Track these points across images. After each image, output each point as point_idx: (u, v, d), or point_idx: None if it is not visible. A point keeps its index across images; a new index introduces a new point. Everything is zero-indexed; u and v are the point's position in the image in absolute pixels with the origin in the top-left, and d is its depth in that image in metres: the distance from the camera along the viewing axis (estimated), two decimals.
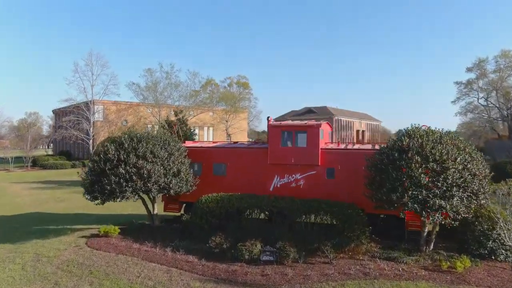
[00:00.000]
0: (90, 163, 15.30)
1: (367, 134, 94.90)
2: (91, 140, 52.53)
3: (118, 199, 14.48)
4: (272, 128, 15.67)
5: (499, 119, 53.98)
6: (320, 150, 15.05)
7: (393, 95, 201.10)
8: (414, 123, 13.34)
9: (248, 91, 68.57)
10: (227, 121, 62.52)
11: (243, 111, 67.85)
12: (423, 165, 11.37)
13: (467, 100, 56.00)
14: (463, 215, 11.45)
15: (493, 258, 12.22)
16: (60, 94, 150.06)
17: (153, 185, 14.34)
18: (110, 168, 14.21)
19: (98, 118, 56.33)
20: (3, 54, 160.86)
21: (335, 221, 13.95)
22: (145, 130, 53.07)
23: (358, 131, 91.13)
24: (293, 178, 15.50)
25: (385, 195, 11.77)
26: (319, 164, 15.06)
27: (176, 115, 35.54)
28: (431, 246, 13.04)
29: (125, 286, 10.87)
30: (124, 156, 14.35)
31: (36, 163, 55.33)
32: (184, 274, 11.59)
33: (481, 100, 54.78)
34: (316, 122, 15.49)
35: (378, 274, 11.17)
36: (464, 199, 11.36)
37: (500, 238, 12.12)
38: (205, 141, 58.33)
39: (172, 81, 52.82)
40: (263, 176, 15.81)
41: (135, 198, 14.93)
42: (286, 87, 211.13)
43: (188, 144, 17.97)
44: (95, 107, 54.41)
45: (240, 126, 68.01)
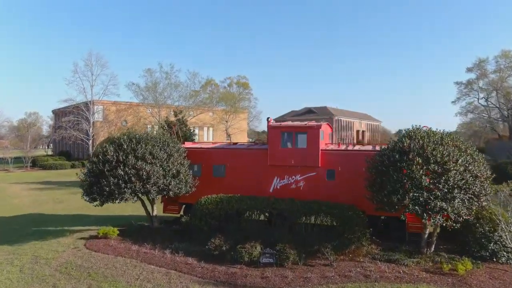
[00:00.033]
0: (88, 164, 15.21)
1: (367, 134, 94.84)
2: (91, 141, 52.43)
3: (117, 201, 14.41)
4: (272, 129, 15.58)
5: (500, 119, 53.84)
6: (320, 151, 14.96)
7: (393, 95, 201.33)
8: (415, 124, 13.29)
9: (248, 91, 68.52)
10: (227, 121, 62.38)
11: (243, 111, 67.70)
12: (424, 166, 11.26)
13: (467, 101, 55.85)
14: (464, 217, 11.35)
15: (494, 260, 12.15)
16: (60, 94, 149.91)
17: (152, 186, 14.25)
18: (109, 169, 14.13)
19: (97, 119, 56.19)
20: (3, 54, 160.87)
21: (335, 222, 13.86)
22: (145, 130, 53.22)
23: (358, 131, 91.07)
24: (293, 179, 15.41)
25: (386, 197, 11.67)
26: (319, 165, 14.97)
27: (176, 115, 35.41)
28: (432, 248, 12.94)
29: None
30: (123, 157, 14.27)
31: (35, 164, 55.18)
32: (183, 277, 11.50)
33: (481, 101, 54.65)
34: (316, 123, 15.40)
35: (378, 276, 11.08)
36: (466, 201, 11.26)
37: (501, 240, 12.07)
38: (204, 141, 58.30)
39: (172, 81, 52.78)
40: (263, 178, 15.72)
41: (134, 199, 14.86)
42: (286, 87, 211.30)
43: (188, 145, 17.89)
44: (95, 107, 54.29)
45: (240, 126, 67.88)
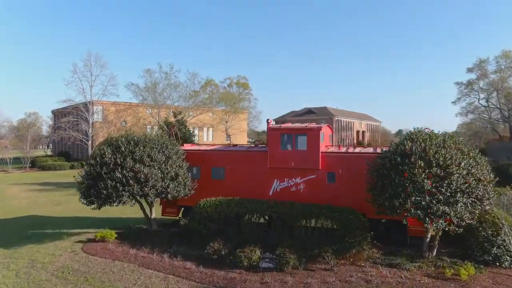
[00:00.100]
0: (86, 167, 15.03)
1: (367, 134, 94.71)
2: (90, 141, 52.25)
3: (115, 204, 14.20)
4: (271, 131, 15.40)
5: (500, 120, 53.65)
6: (320, 154, 14.77)
7: (393, 95, 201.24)
8: (416, 127, 13.10)
9: (248, 91, 68.37)
10: (226, 121, 62.20)
11: (242, 111, 67.50)
12: (426, 170, 11.07)
13: (468, 101, 55.68)
14: (467, 222, 11.16)
15: (497, 264, 11.95)
16: (59, 94, 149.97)
17: (150, 189, 14.06)
18: (107, 172, 13.94)
19: (97, 119, 55.99)
20: (3, 54, 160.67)
21: (336, 226, 13.69)
22: (144, 131, 53.05)
23: (358, 132, 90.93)
24: (293, 182, 15.22)
25: (387, 201, 11.48)
26: (320, 168, 14.77)
27: (175, 116, 35.18)
28: (434, 252, 12.75)
29: None
30: (121, 159, 14.08)
31: (34, 164, 55.01)
32: (181, 282, 11.33)
33: (482, 101, 54.50)
34: (316, 125, 15.22)
35: (380, 282, 10.91)
36: (469, 205, 11.07)
37: (504, 244, 11.89)
38: (203, 143, 58.12)
39: (171, 81, 52.67)
40: (262, 180, 15.53)
41: (132, 202, 14.68)
42: (286, 88, 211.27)
43: (186, 147, 17.69)
44: (94, 107, 54.08)
45: (240, 126, 67.72)
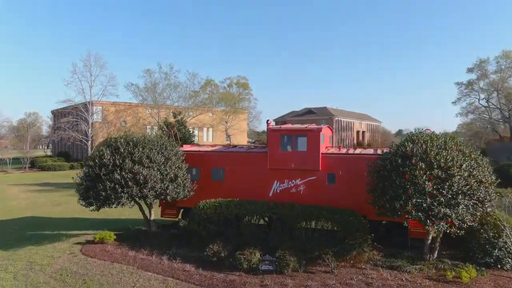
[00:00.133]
0: (85, 168, 14.94)
1: (367, 134, 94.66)
2: (90, 141, 52.16)
3: (114, 205, 14.13)
4: (271, 132, 15.31)
5: (500, 120, 53.55)
6: (320, 155, 14.69)
7: (393, 95, 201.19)
8: (417, 127, 13.04)
9: (248, 91, 68.33)
10: (226, 122, 62.12)
11: (242, 112, 67.43)
12: (427, 171, 10.98)
13: (468, 101, 55.58)
14: (468, 224, 11.07)
15: (499, 267, 11.86)
16: (59, 94, 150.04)
17: (149, 191, 13.97)
18: (105, 173, 13.85)
19: (96, 119, 55.91)
20: (3, 54, 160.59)
21: (336, 227, 13.61)
22: (144, 131, 52.91)
23: (358, 132, 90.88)
24: (293, 183, 15.13)
25: (388, 203, 11.40)
26: (320, 169, 14.69)
27: (175, 116, 35.07)
28: (435, 254, 12.66)
29: None
30: (120, 161, 13.99)
31: (34, 165, 54.94)
32: (180, 284, 11.23)
33: (482, 101, 54.39)
34: (316, 126, 15.13)
35: (381, 284, 10.81)
36: (470, 207, 10.98)
37: (506, 246, 11.82)
38: (203, 144, 58.05)
39: (171, 81, 52.62)
40: (262, 181, 15.44)
41: (131, 204, 14.58)
42: (286, 88, 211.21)
43: (186, 148, 17.61)
44: (94, 108, 54.00)
45: (240, 127, 67.64)
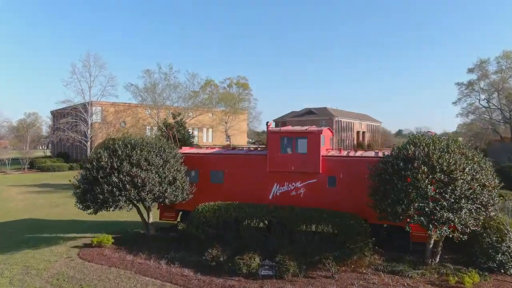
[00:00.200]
0: (82, 171, 14.76)
1: (367, 135, 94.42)
2: (89, 142, 51.95)
3: (111, 209, 13.96)
4: (271, 134, 15.12)
5: (501, 121, 53.29)
6: (321, 157, 14.49)
7: (393, 95, 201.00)
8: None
9: (247, 91, 68.14)
10: (226, 122, 61.90)
11: (242, 112, 67.21)
12: (430, 175, 10.79)
13: (468, 102, 55.25)
14: (472, 228, 10.87)
15: (502, 271, 11.66)
16: (59, 94, 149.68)
17: (147, 194, 13.79)
18: (103, 176, 13.67)
19: (96, 120, 55.68)
20: (3, 54, 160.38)
21: (336, 231, 13.40)
22: (143, 131, 52.64)
23: (358, 132, 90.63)
24: (293, 186, 14.94)
25: (389, 207, 11.20)
26: (320, 171, 14.50)
27: (174, 117, 34.83)
28: (437, 259, 12.47)
29: None
30: (118, 163, 13.81)
31: (33, 165, 54.70)
32: None
33: (482, 102, 54.10)
34: (317, 128, 14.94)
35: None
36: (473, 211, 10.79)
37: (509, 251, 11.63)
38: (203, 145, 57.87)
39: (170, 82, 52.33)
40: (262, 184, 15.26)
41: (129, 207, 14.39)
42: (286, 88, 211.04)
43: (185, 150, 17.42)
44: (93, 108, 53.77)
45: (240, 127, 67.41)
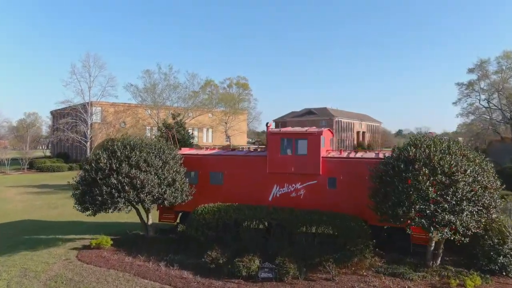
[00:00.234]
0: (81, 172, 14.68)
1: (367, 135, 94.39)
2: (89, 142, 51.87)
3: (110, 210, 13.87)
4: (271, 135, 15.03)
5: (502, 121, 53.17)
6: (321, 159, 14.40)
7: (393, 95, 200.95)
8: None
9: (247, 92, 68.05)
10: (226, 122, 61.82)
11: (242, 112, 67.15)
12: (431, 177, 10.69)
13: (469, 102, 55.12)
14: (473, 231, 10.78)
15: (504, 274, 11.58)
16: (58, 94, 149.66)
17: (146, 195, 13.70)
18: (102, 177, 13.58)
19: (95, 120, 55.61)
20: (3, 54, 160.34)
21: (337, 233, 13.31)
22: (143, 132, 52.52)
23: (358, 133, 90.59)
24: (293, 187, 14.85)
25: (390, 209, 11.10)
26: (320, 173, 14.41)
27: (174, 118, 34.75)
28: (438, 261, 12.38)
29: None
30: (117, 165, 13.72)
31: (33, 166, 54.61)
32: None
33: (483, 102, 53.97)
34: (317, 130, 14.85)
35: None
36: (475, 213, 10.69)
37: (511, 253, 11.53)
38: (203, 145, 57.74)
39: (170, 82, 52.31)
40: (262, 185, 15.16)
41: (128, 209, 14.30)
42: (286, 88, 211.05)
43: (184, 151, 17.32)
44: (93, 108, 53.68)
45: (240, 127, 67.34)
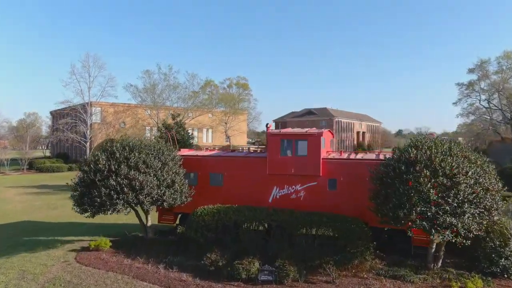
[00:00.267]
0: (80, 173, 14.58)
1: (367, 135, 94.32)
2: (88, 143, 51.80)
3: (109, 212, 13.77)
4: (271, 136, 14.93)
5: (502, 121, 53.07)
6: (321, 160, 14.31)
7: (393, 95, 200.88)
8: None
9: (247, 92, 67.96)
10: (226, 123, 61.73)
11: (242, 113, 67.06)
12: (432, 179, 10.60)
13: (469, 102, 55.02)
14: (475, 233, 10.69)
15: (506, 276, 11.49)
16: (58, 95, 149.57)
17: (145, 197, 13.60)
18: (100, 179, 13.48)
19: (95, 120, 55.54)
20: (3, 54, 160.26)
21: (337, 235, 13.23)
22: (143, 132, 52.41)
23: (358, 133, 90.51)
24: (293, 189, 14.76)
25: (391, 211, 11.01)
26: (321, 174, 14.31)
27: (174, 118, 34.67)
28: (439, 263, 12.29)
29: None
30: (115, 166, 13.62)
31: (32, 166, 54.52)
32: None
33: (483, 102, 53.88)
34: (317, 131, 14.76)
35: None
36: (476, 215, 10.60)
37: None
38: (203, 145, 57.64)
39: (170, 82, 52.26)
40: (261, 187, 15.07)
41: (127, 211, 14.21)
42: (286, 88, 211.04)
43: (184, 152, 17.23)
44: (93, 109, 53.62)
45: (240, 128, 67.24)
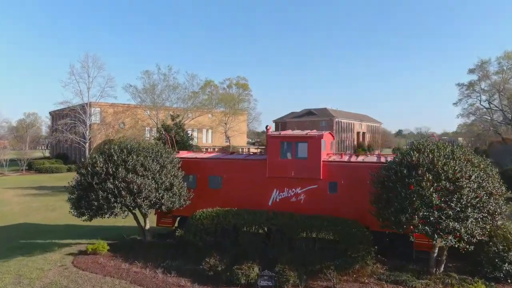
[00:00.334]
0: (77, 176, 14.40)
1: (367, 135, 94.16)
2: (88, 143, 51.60)
3: (107, 216, 13.60)
4: (271, 138, 14.76)
5: (502, 122, 52.87)
6: (322, 163, 14.13)
7: (393, 96, 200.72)
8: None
9: (247, 92, 67.80)
10: (226, 123, 61.54)
11: (242, 113, 66.88)
12: (435, 183, 10.43)
13: (469, 102, 54.81)
14: (478, 238, 10.51)
15: (509, 281, 11.33)
16: (58, 95, 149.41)
17: (143, 200, 13.44)
18: (98, 182, 13.31)
19: (95, 121, 55.32)
20: (3, 54, 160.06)
21: (338, 239, 13.05)
22: (143, 133, 52.18)
23: (358, 133, 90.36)
24: (293, 192, 14.58)
25: (393, 215, 10.84)
26: (321, 177, 14.14)
27: (173, 119, 34.48)
28: (442, 268, 12.11)
29: None
30: (113, 169, 13.45)
31: (31, 167, 54.30)
32: None
33: (484, 103, 53.67)
34: (317, 133, 14.58)
35: None
36: (480, 220, 10.42)
37: None
38: (202, 146, 57.46)
39: (170, 83, 52.04)
40: (261, 190, 14.89)
41: (125, 214, 14.02)
42: (285, 88, 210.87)
43: (182, 154, 17.05)
44: (92, 109, 53.39)
45: (240, 128, 67.05)
